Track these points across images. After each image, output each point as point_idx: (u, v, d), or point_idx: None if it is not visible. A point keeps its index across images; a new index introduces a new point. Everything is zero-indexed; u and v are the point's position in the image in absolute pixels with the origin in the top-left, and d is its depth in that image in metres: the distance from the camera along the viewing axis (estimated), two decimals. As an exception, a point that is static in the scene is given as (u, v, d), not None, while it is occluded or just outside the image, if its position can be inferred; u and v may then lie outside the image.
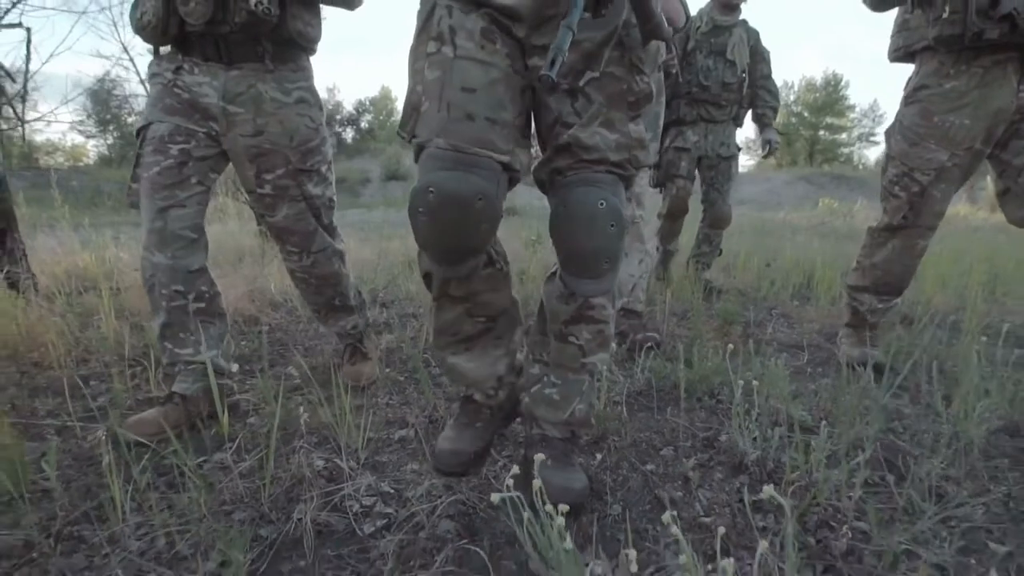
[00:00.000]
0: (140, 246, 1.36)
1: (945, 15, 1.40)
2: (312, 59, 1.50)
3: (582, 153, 0.95)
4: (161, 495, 1.06)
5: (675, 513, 0.68)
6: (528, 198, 9.67)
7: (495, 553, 0.93)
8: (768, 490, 0.65)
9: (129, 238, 3.80)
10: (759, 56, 2.97)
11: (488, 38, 0.90)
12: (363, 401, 1.47)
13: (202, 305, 1.41)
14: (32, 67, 2.46)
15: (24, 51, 2.49)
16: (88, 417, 1.38)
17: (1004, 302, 2.56)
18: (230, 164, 1.46)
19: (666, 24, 0.91)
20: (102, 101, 26.53)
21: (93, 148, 26.55)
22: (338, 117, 37.56)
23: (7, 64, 2.36)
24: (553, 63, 0.72)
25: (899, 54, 1.63)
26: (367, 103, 39.44)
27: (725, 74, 2.85)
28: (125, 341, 1.71)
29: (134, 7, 1.36)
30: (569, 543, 0.67)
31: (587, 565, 0.78)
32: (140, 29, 1.34)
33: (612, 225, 0.92)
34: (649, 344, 1.80)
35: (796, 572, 0.64)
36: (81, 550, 0.93)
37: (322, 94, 1.60)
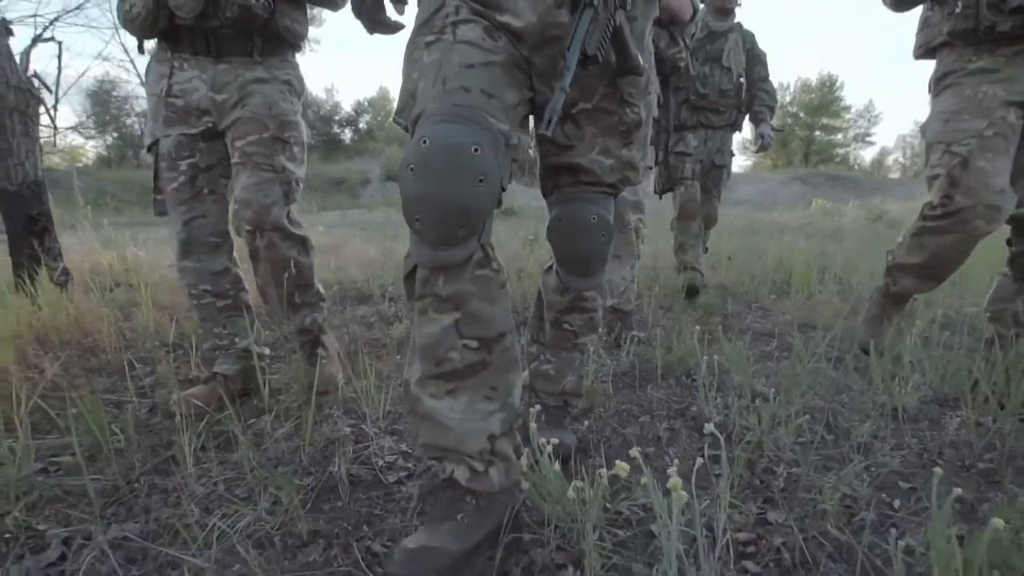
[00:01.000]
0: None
1: (958, 10, 1.39)
2: (311, 60, 1.62)
3: (582, 176, 1.07)
4: (216, 453, 1.26)
5: (643, 452, 0.88)
6: (526, 199, 9.87)
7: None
8: (709, 427, 0.85)
9: (146, 238, 3.99)
10: (756, 59, 3.00)
11: (490, 35, 0.90)
12: (380, 382, 1.67)
13: (228, 302, 1.56)
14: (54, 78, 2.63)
15: (56, 63, 2.66)
16: (140, 393, 1.57)
17: (963, 295, 2.77)
18: None
19: (641, 61, 0.99)
20: (102, 102, 26.67)
21: (91, 149, 26.64)
22: (337, 117, 37.66)
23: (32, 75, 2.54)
24: (549, 122, 0.79)
25: (921, 51, 1.59)
26: (365, 103, 39.54)
27: (722, 80, 2.88)
28: (165, 329, 1.91)
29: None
30: (557, 467, 0.87)
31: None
32: (128, 22, 1.36)
33: (603, 235, 1.09)
34: (632, 334, 1.99)
35: (729, 482, 0.83)
36: (156, 492, 1.13)
37: (320, 94, 1.78)
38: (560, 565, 0.86)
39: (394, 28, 1.15)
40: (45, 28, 2.93)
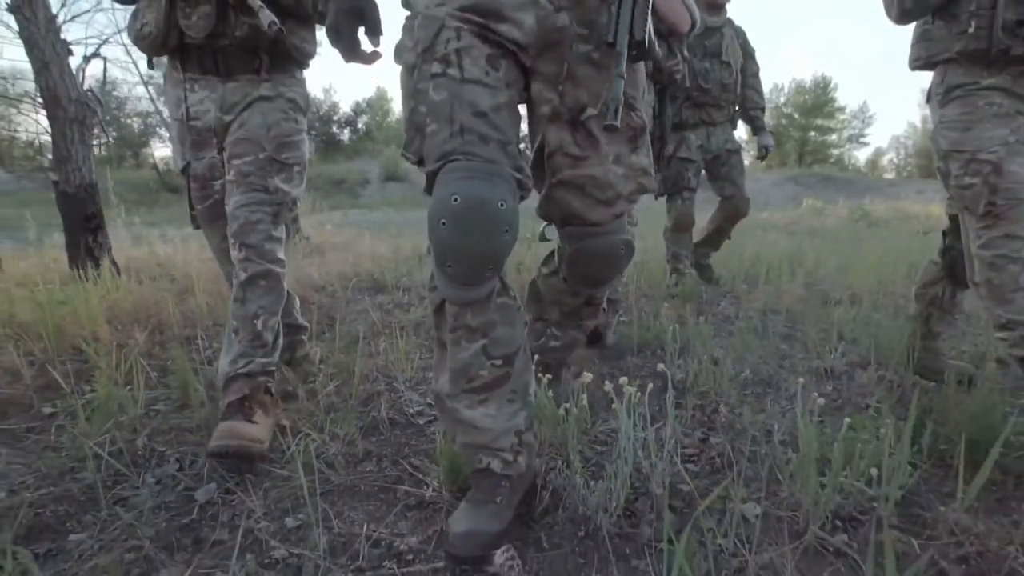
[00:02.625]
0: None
1: (971, 30, 1.37)
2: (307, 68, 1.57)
3: (597, 192, 1.04)
4: (282, 401, 1.58)
5: (616, 391, 1.20)
6: (524, 199, 10.20)
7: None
8: (662, 367, 1.18)
9: (174, 235, 4.30)
10: (747, 54, 3.02)
11: (493, 64, 0.93)
12: (408, 352, 1.99)
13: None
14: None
15: (102, 77, 2.97)
16: (206, 361, 1.89)
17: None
18: None
19: (657, 48, 0.99)
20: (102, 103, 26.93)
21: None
22: (335, 118, 37.87)
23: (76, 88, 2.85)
24: (616, 112, 0.82)
25: (920, 63, 1.58)
26: (364, 104, 39.74)
27: (722, 75, 2.88)
28: (216, 310, 2.23)
29: (133, 17, 1.40)
30: (551, 395, 1.20)
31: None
32: (139, 39, 1.38)
33: (626, 259, 1.14)
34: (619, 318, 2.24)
35: (676, 412, 1.16)
36: (240, 430, 1.45)
37: (319, 94, 1.89)
38: (551, 467, 1.18)
39: (370, 59, 1.11)
40: (98, 47, 3.23)
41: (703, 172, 3.06)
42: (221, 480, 1.19)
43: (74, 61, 2.77)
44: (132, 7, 1.42)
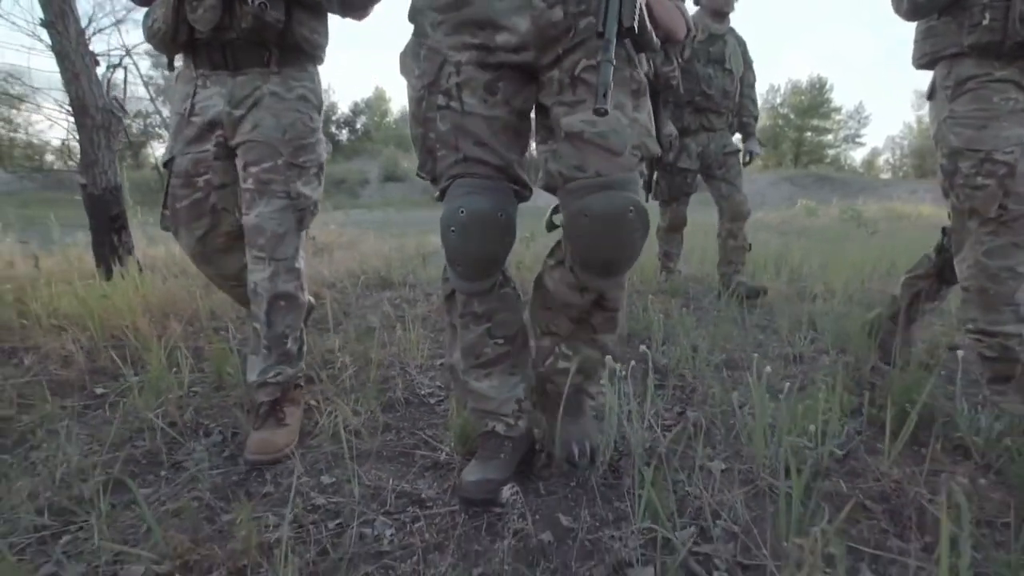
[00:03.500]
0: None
1: (985, 22, 1.35)
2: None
3: (597, 139, 0.94)
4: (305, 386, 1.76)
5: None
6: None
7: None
8: (643, 348, 1.36)
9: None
10: (746, 64, 3.06)
11: (490, 91, 1.01)
12: (417, 341, 2.18)
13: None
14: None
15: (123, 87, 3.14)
16: (234, 349, 2.07)
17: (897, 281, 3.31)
18: None
19: (655, 38, 1.02)
20: (101, 102, 27.09)
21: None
22: (334, 118, 37.99)
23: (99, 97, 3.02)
24: (605, 96, 0.81)
25: (925, 60, 1.54)
26: (362, 104, 39.83)
27: (725, 82, 2.91)
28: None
29: (147, 16, 1.43)
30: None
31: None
32: (152, 36, 1.41)
33: (638, 230, 0.95)
34: None
35: (654, 385, 1.34)
36: (272, 407, 1.63)
37: None
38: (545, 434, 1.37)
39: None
40: (121, 59, 3.40)
41: (699, 176, 3.12)
42: (262, 447, 1.37)
43: (99, 71, 2.95)
44: (143, 6, 1.44)
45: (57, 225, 3.68)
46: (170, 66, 1.51)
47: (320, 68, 1.56)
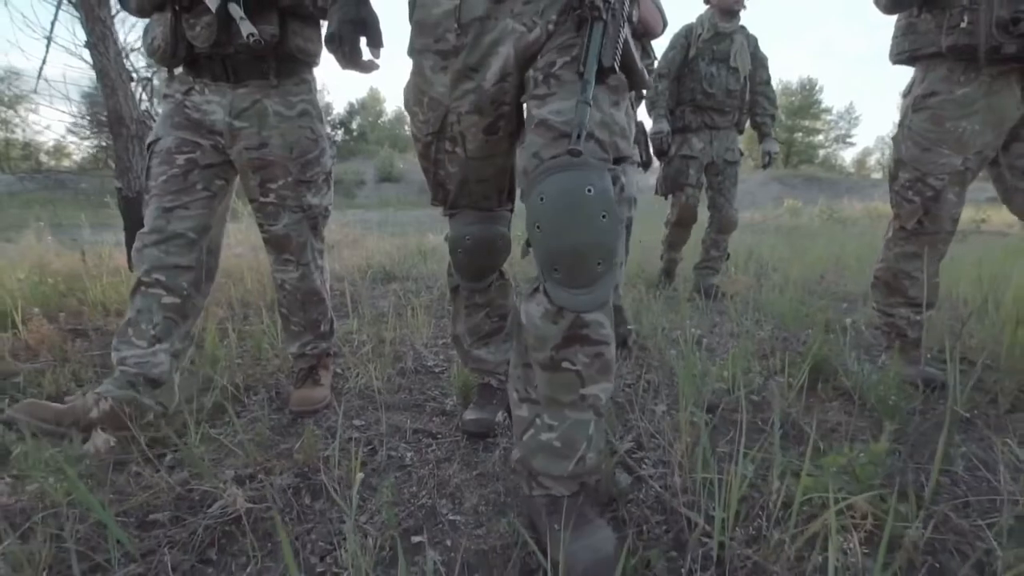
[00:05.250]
0: (136, 248, 1.41)
1: (963, 24, 1.37)
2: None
3: (563, 126, 0.87)
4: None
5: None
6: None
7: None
8: (631, 333, 1.71)
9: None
10: (758, 62, 3.04)
11: (490, 132, 1.10)
12: (425, 322, 2.52)
13: (176, 301, 1.42)
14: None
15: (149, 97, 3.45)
16: (267, 330, 2.41)
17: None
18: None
19: (647, 74, 1.07)
20: (98, 103, 27.22)
21: (86, 150, 27.12)
22: (329, 119, 38.18)
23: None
24: (579, 137, 0.79)
25: (903, 58, 1.59)
26: (357, 105, 40.00)
27: (729, 81, 2.92)
28: (267, 291, 2.75)
29: (146, 32, 1.47)
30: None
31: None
32: (152, 53, 1.44)
33: (603, 216, 0.79)
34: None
35: (620, 355, 1.69)
36: (305, 374, 1.98)
37: None
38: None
39: (368, 68, 1.19)
40: (152, 75, 3.73)
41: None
42: (303, 401, 1.72)
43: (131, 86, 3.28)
44: (142, 18, 1.49)
45: (87, 224, 3.99)
46: (171, 77, 1.54)
47: (316, 69, 1.64)
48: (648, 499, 1.11)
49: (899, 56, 1.60)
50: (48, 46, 1.87)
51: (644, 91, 2.13)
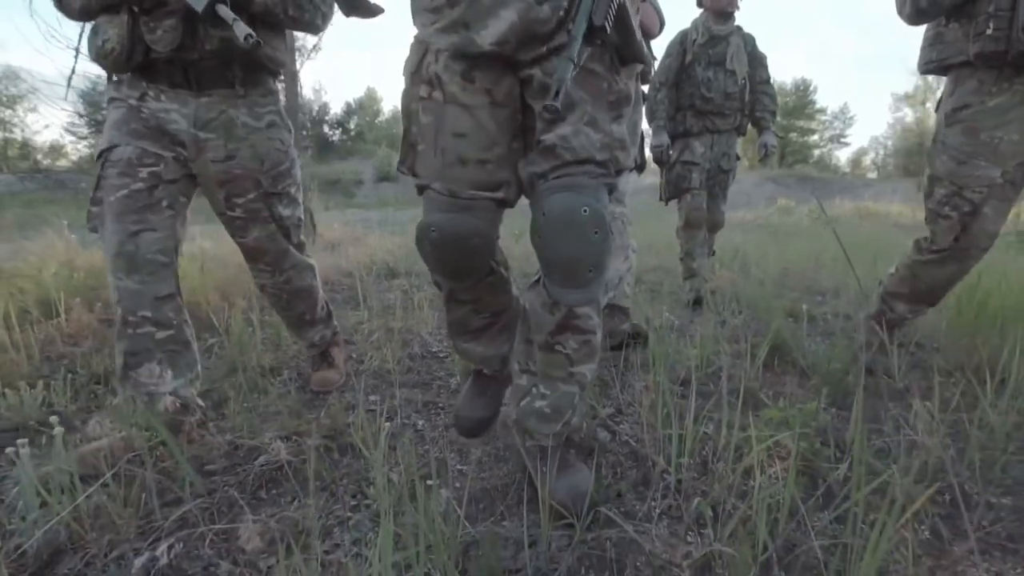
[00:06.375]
0: (108, 271, 1.31)
1: (989, 31, 1.35)
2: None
3: (566, 155, 0.95)
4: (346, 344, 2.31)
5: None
6: (513, 199, 10.96)
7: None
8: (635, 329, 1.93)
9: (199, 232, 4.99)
10: (757, 61, 3.01)
11: (468, 79, 0.98)
12: (431, 314, 2.72)
13: (169, 333, 1.35)
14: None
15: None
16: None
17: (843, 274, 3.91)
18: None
19: (645, 48, 1.00)
20: (94, 103, 27.31)
21: (79, 149, 27.29)
22: (326, 118, 38.29)
23: None
24: (557, 93, 0.77)
25: (931, 67, 1.56)
26: (354, 104, 40.14)
27: (727, 84, 2.89)
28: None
29: (94, 33, 1.31)
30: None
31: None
32: (102, 57, 1.29)
33: (596, 232, 0.91)
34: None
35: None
36: (323, 358, 2.19)
37: (308, 95, 1.93)
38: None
39: (372, 11, 1.14)
40: None
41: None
42: (323, 380, 1.94)
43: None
44: (83, 22, 1.36)
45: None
46: (111, 79, 1.40)
47: (313, 69, 1.78)
48: (624, 450, 1.33)
49: (927, 66, 1.58)
50: (76, 56, 2.03)
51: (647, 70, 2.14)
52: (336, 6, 1.41)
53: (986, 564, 0.90)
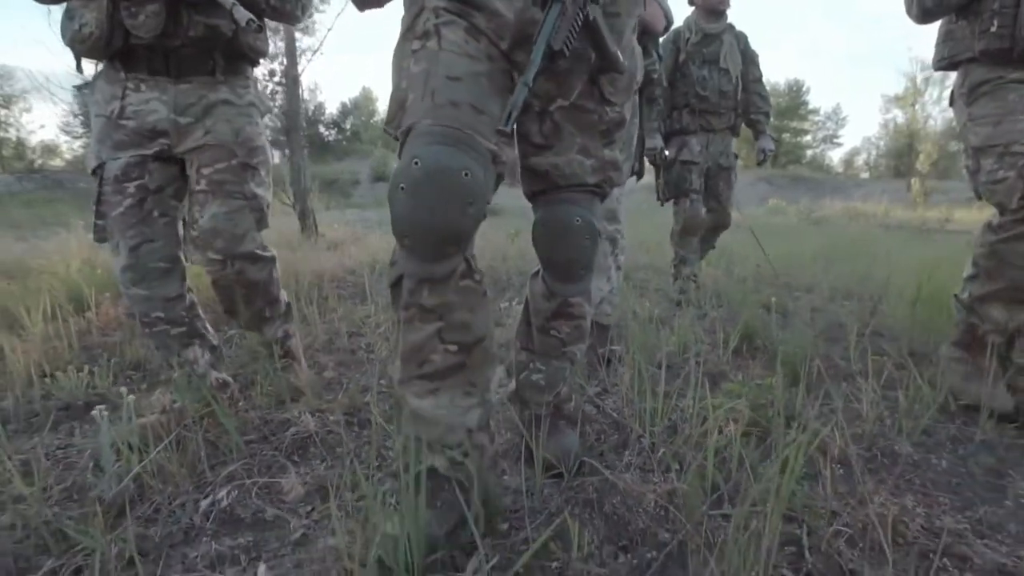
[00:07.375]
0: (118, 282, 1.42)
1: (993, 28, 1.36)
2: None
3: (560, 180, 1.05)
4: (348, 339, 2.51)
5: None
6: (509, 199, 11.11)
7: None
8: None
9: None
10: (749, 59, 3.01)
11: (473, 36, 0.92)
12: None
13: (183, 329, 1.48)
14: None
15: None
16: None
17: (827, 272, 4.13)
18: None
19: (621, 58, 0.95)
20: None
21: (74, 149, 27.36)
22: (322, 118, 38.38)
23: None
24: (509, 117, 0.78)
25: (943, 64, 1.57)
26: (350, 104, 40.25)
27: (721, 82, 2.90)
28: (287, 284, 3.15)
29: (68, 18, 1.29)
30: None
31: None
32: (79, 42, 1.28)
33: (587, 238, 1.07)
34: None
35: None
36: (342, 338, 2.39)
37: (304, 94, 1.93)
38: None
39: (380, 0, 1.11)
40: None
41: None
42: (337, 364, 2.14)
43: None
44: (53, 5, 1.35)
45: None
46: (79, 68, 1.41)
47: (310, 68, 1.78)
48: (607, 420, 1.53)
49: (940, 62, 1.58)
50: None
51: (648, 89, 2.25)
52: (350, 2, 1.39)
53: (894, 499, 1.10)
